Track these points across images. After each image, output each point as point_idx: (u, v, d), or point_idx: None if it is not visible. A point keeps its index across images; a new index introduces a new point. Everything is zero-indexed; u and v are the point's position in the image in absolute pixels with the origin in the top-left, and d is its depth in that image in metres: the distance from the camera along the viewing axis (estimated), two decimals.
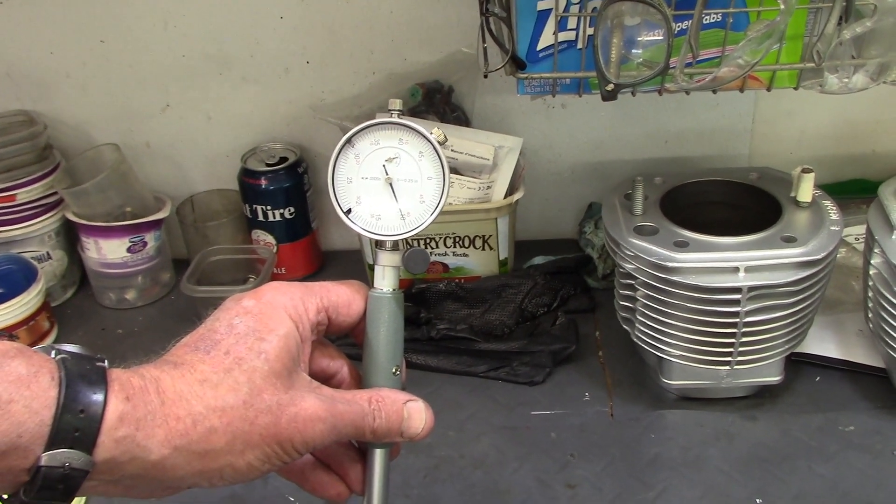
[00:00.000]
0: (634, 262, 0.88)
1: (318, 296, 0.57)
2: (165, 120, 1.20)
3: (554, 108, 1.18)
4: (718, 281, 0.83)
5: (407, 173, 0.59)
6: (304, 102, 1.18)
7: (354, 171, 0.59)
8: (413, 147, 0.58)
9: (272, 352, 0.52)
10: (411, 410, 0.58)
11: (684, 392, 0.95)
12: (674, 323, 0.87)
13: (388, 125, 0.58)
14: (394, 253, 0.60)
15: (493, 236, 1.09)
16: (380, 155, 0.58)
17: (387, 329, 0.59)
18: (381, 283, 0.60)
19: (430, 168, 0.59)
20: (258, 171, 1.15)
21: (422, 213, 0.59)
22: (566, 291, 1.11)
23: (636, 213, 0.92)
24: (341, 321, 0.59)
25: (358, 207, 0.59)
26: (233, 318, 0.53)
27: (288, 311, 0.55)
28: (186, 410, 0.49)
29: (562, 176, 1.23)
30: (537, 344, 1.01)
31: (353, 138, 0.58)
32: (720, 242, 0.86)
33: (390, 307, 0.59)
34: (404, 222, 0.59)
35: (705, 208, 0.98)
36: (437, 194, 0.59)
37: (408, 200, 0.59)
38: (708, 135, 1.19)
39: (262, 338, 0.52)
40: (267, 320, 0.53)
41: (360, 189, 0.59)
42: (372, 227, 0.59)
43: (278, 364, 0.52)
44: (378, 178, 0.59)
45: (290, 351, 0.53)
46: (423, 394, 0.60)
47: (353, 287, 0.60)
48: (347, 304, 0.59)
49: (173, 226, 1.23)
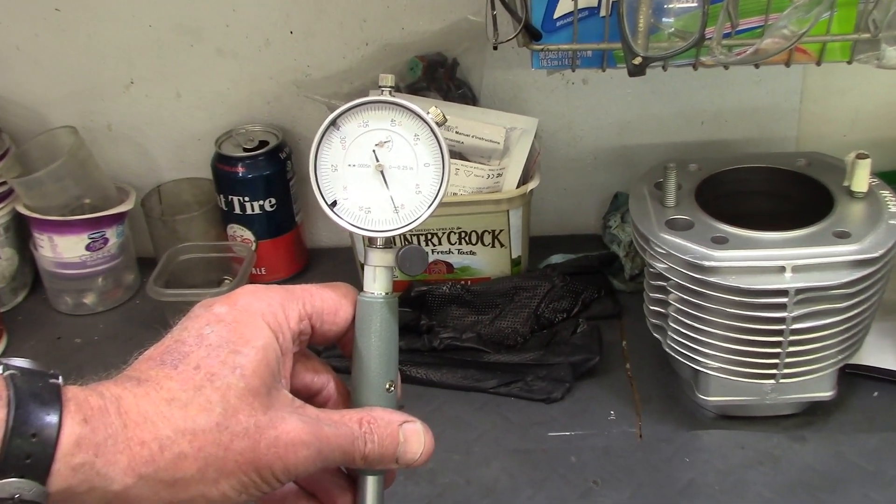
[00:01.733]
0: (666, 261, 0.88)
1: (301, 301, 0.57)
2: (129, 99, 1.21)
3: (574, 85, 1.18)
4: (762, 282, 0.84)
5: (400, 159, 0.59)
6: (286, 78, 1.18)
7: (340, 157, 0.59)
8: (407, 129, 0.58)
9: (249, 366, 0.52)
10: (408, 433, 0.58)
11: (723, 409, 0.95)
12: (711, 330, 0.88)
13: (377, 104, 0.58)
14: (386, 251, 0.60)
15: (505, 231, 1.10)
16: (369, 139, 0.58)
17: (379, 339, 0.59)
18: (372, 286, 0.60)
19: (426, 153, 0.59)
20: (234, 156, 1.15)
21: (418, 206, 0.59)
22: (588, 295, 1.11)
23: (668, 205, 0.92)
24: (326, 330, 0.59)
25: (344, 199, 0.59)
26: (203, 328, 0.53)
27: (266, 318, 0.55)
28: (152, 434, 0.49)
29: (583, 162, 1.24)
30: (555, 355, 1.01)
31: (338, 120, 0.58)
32: (764, 238, 0.86)
33: (382, 314, 0.59)
34: (398, 216, 0.59)
35: (747, 199, 0.98)
36: (435, 183, 0.59)
37: (402, 190, 0.59)
38: (749, 115, 1.19)
39: (236, 350, 0.52)
40: (242, 329, 0.53)
41: (347, 178, 0.59)
42: (360, 221, 0.59)
43: (256, 380, 0.52)
44: (367, 165, 0.59)
45: (269, 365, 0.53)
46: (423, 412, 0.60)
47: (340, 291, 0.60)
48: (334, 311, 0.59)
49: (138, 220, 1.23)
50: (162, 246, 1.18)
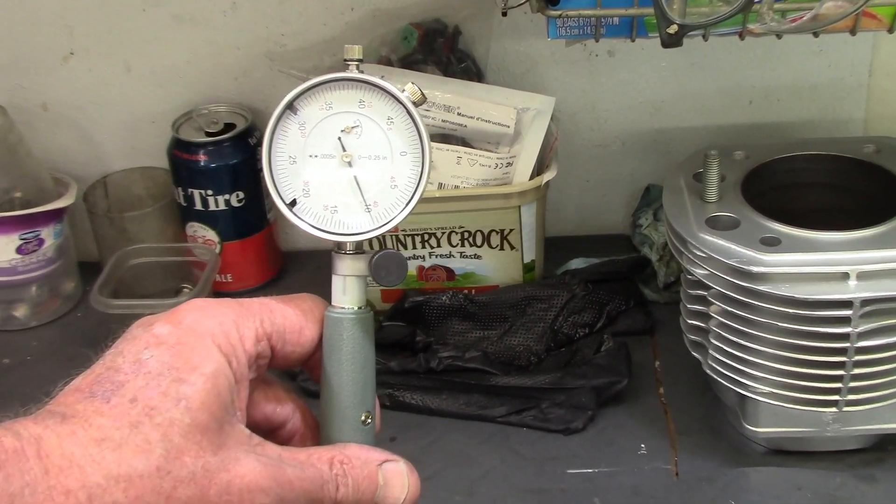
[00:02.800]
0: (707, 267, 0.88)
1: (258, 318, 0.57)
2: (69, 73, 1.21)
3: (598, 57, 1.18)
4: (821, 291, 0.84)
5: (371, 148, 0.58)
6: (257, 49, 1.18)
7: (299, 146, 0.58)
8: (378, 112, 0.58)
9: (195, 397, 0.51)
10: (389, 474, 0.58)
11: (775, 443, 0.95)
12: (761, 349, 0.88)
13: (342, 83, 0.58)
14: (357, 258, 0.59)
15: (515, 231, 1.10)
16: (333, 124, 0.58)
17: (351, 362, 0.58)
18: (342, 300, 0.59)
19: (402, 140, 0.58)
20: (195, 142, 1.15)
21: (394, 203, 0.59)
22: (614, 306, 1.11)
23: (709, 200, 0.92)
24: (289, 352, 0.59)
25: (305, 197, 0.59)
26: (141, 352, 0.52)
27: (217, 340, 0.54)
28: (79, 481, 0.48)
29: (608, 149, 1.24)
30: (575, 378, 1.01)
31: (295, 102, 0.58)
32: (823, 239, 0.86)
33: (354, 333, 0.59)
34: (370, 216, 0.59)
35: (803, 193, 0.98)
36: (413, 175, 0.59)
37: (374, 185, 0.59)
38: (807, 93, 1.19)
39: (181, 378, 0.52)
40: (188, 353, 0.52)
41: (309, 171, 0.58)
42: (326, 223, 0.59)
43: (204, 414, 0.51)
44: (332, 155, 0.58)
45: (220, 395, 0.52)
46: (419, 446, 0.60)
47: (305, 305, 0.59)
48: (297, 329, 0.58)
49: (80, 217, 1.23)
50: (108, 248, 1.18)
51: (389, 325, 1.10)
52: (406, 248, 1.10)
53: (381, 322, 1.10)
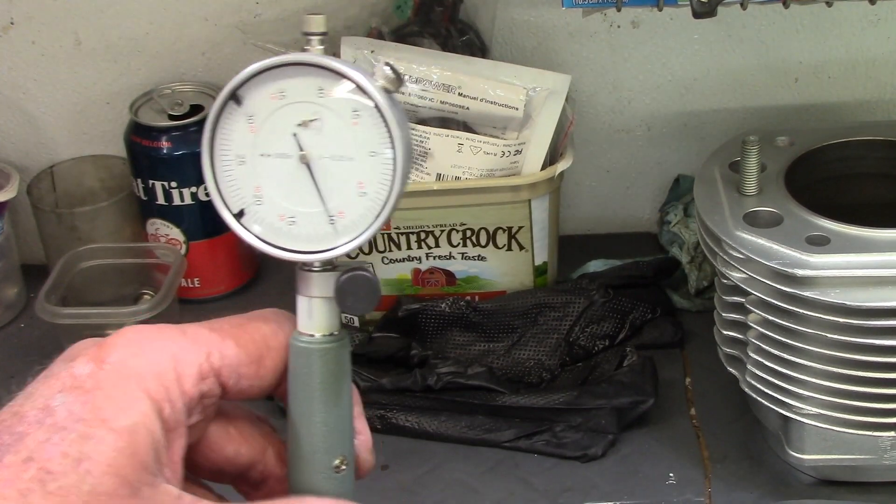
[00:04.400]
0: (745, 270, 0.88)
1: (204, 350, 0.54)
2: (8, 46, 1.21)
3: (620, 29, 1.18)
4: (876, 298, 0.84)
5: (334, 147, 0.55)
6: (227, 20, 1.19)
7: (248, 144, 0.55)
8: (341, 103, 0.55)
9: (102, 460, 0.49)
10: None
11: (825, 472, 0.95)
12: (807, 364, 0.88)
13: (296, 67, 0.55)
14: (327, 276, 0.56)
15: (525, 229, 1.10)
16: (288, 116, 0.55)
17: (323, 400, 0.56)
18: (308, 325, 0.57)
19: (370, 137, 0.55)
20: (157, 126, 1.16)
21: (362, 214, 0.55)
22: (639, 315, 1.11)
23: (748, 193, 0.93)
24: (245, 388, 0.56)
25: (257, 205, 0.56)
26: (53, 396, 0.50)
27: (145, 384, 0.52)
28: None
29: (632, 134, 1.24)
30: (594, 397, 1.01)
31: (239, 91, 0.55)
32: (879, 238, 0.87)
33: (325, 366, 0.56)
34: (334, 228, 0.55)
35: (856, 185, 0.98)
36: (385, 181, 0.55)
37: (338, 192, 0.55)
38: (862, 69, 1.19)
39: (87, 434, 0.49)
40: (102, 403, 0.50)
41: (260, 174, 0.55)
42: (281, 237, 0.56)
43: (110, 479, 0.49)
44: (288, 154, 0.55)
45: (136, 454, 0.50)
46: (415, 475, 0.60)
47: (267, 326, 0.57)
48: (256, 360, 0.56)
49: (23, 213, 1.23)
50: (56, 249, 1.18)
51: (381, 337, 1.10)
52: (400, 248, 1.10)
53: (371, 333, 1.10)
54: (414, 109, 1.09)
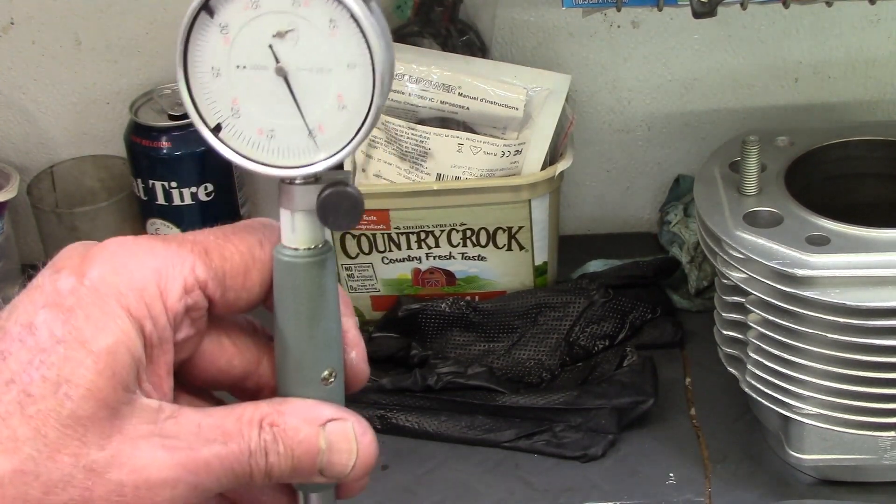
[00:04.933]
0: (745, 270, 0.88)
1: (189, 263, 0.54)
2: (8, 46, 1.21)
3: (620, 29, 1.18)
4: (877, 298, 0.84)
5: (311, 58, 0.53)
6: None
7: (223, 56, 0.54)
8: (317, 12, 0.53)
9: (80, 382, 0.49)
10: (333, 436, 0.55)
11: (825, 472, 0.95)
12: (807, 364, 0.88)
13: None
14: (309, 189, 0.55)
15: (525, 229, 1.10)
16: (263, 27, 0.53)
17: (309, 314, 0.56)
18: (292, 239, 0.56)
19: (348, 49, 0.53)
20: (157, 126, 1.15)
21: (343, 128, 0.54)
22: (639, 315, 1.12)
23: (748, 193, 0.93)
24: (232, 299, 0.55)
25: (235, 118, 0.55)
26: (36, 312, 0.50)
27: (125, 301, 0.51)
28: None
29: (632, 134, 1.24)
30: (594, 397, 1.02)
31: (211, 2, 0.53)
32: (879, 238, 0.87)
33: (310, 278, 0.55)
34: (315, 142, 0.54)
35: (857, 184, 0.98)
36: (365, 93, 0.53)
37: (317, 105, 0.54)
38: (862, 69, 1.19)
39: (66, 356, 0.49)
40: (81, 323, 0.50)
41: (236, 87, 0.53)
42: (260, 151, 0.55)
43: (89, 403, 0.49)
44: (264, 66, 0.54)
45: (114, 376, 0.50)
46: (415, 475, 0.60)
47: (253, 236, 0.56)
48: (242, 271, 0.55)
49: (23, 213, 1.23)
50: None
51: (381, 337, 1.10)
52: (400, 248, 1.10)
53: (372, 333, 1.10)
54: (414, 109, 1.09)
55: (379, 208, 1.07)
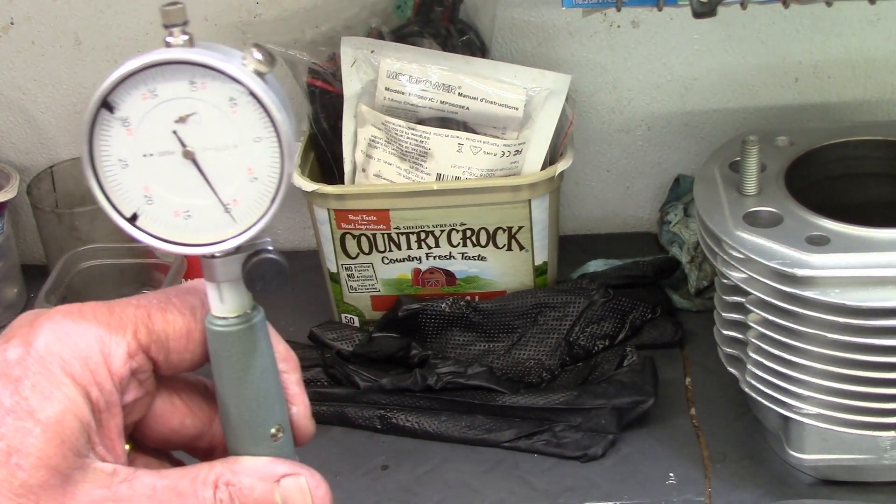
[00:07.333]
0: (745, 269, 0.88)
1: (131, 328, 0.55)
2: (8, 46, 1.21)
3: (620, 29, 1.18)
4: (876, 298, 0.84)
5: (216, 137, 0.54)
6: (227, 20, 1.19)
7: (128, 147, 0.54)
8: (215, 93, 0.53)
9: (32, 453, 0.50)
10: (287, 491, 0.56)
11: (825, 472, 0.96)
12: (807, 364, 0.88)
13: (160, 66, 0.53)
14: (230, 261, 0.56)
15: (525, 229, 1.10)
16: (164, 114, 0.54)
17: (246, 380, 0.57)
18: (220, 309, 0.57)
19: (251, 123, 0.53)
20: None
21: (257, 199, 0.54)
22: (639, 315, 1.12)
23: (748, 193, 0.93)
24: (176, 361, 0.56)
25: (149, 206, 0.55)
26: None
27: (70, 369, 0.52)
28: None
29: (632, 134, 1.24)
30: (594, 397, 1.02)
31: (109, 98, 0.53)
32: (879, 238, 0.87)
33: (243, 345, 0.57)
34: (231, 216, 0.55)
35: (857, 184, 0.98)
36: (274, 164, 0.54)
37: (228, 181, 0.54)
38: (862, 69, 1.20)
39: (16, 427, 0.51)
40: (30, 392, 0.51)
41: (146, 175, 0.54)
42: (179, 233, 0.55)
43: (40, 471, 0.51)
44: (171, 151, 0.54)
45: (64, 443, 0.51)
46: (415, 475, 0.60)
47: (193, 299, 0.57)
48: (184, 334, 0.56)
49: (23, 213, 1.23)
50: (56, 249, 1.18)
51: (381, 337, 1.10)
52: (400, 248, 1.10)
53: (372, 333, 1.10)
54: (414, 109, 1.09)
55: (379, 208, 1.08)
